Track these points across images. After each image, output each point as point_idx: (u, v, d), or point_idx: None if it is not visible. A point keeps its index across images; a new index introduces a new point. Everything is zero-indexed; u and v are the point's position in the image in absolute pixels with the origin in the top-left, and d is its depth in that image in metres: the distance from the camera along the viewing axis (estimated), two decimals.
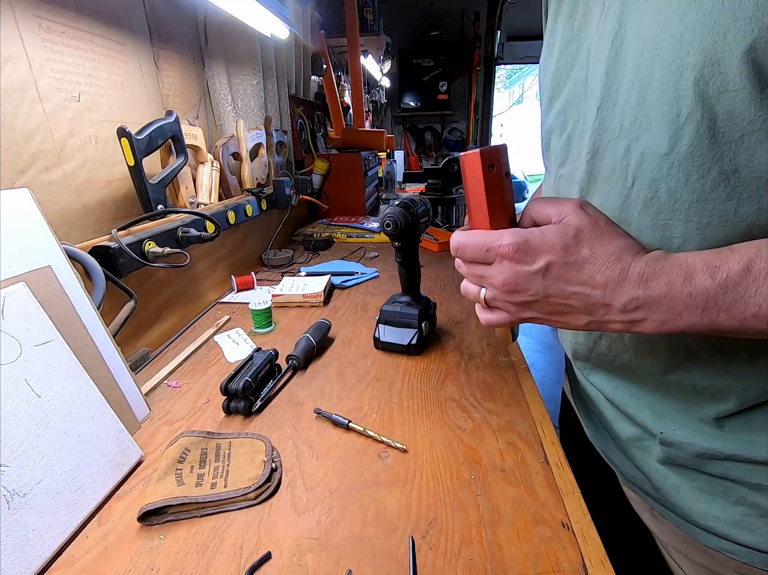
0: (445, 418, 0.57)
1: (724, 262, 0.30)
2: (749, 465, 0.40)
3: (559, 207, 0.35)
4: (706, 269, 0.30)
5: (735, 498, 0.42)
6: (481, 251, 0.36)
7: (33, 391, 0.42)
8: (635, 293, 0.32)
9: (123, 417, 0.52)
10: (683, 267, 0.31)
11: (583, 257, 0.33)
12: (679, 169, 0.35)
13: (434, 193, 3.10)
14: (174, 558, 0.40)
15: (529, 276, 0.35)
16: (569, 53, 0.47)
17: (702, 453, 0.42)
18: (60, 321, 0.48)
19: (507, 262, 0.35)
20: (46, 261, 0.50)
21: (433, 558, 0.39)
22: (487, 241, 0.36)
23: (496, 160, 0.37)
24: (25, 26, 0.62)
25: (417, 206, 0.70)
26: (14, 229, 0.47)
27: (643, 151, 0.38)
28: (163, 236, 0.76)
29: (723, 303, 0.30)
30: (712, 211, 0.34)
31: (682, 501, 0.46)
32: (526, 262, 0.34)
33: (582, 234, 0.34)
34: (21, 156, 0.62)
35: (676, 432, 0.44)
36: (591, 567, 0.38)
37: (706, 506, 0.44)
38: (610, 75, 0.40)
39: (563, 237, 0.33)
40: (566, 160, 0.49)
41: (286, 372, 0.68)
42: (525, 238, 0.34)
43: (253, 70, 1.24)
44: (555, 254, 0.33)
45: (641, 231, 0.39)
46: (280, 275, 1.15)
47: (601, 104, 0.42)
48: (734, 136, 0.32)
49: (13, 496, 0.38)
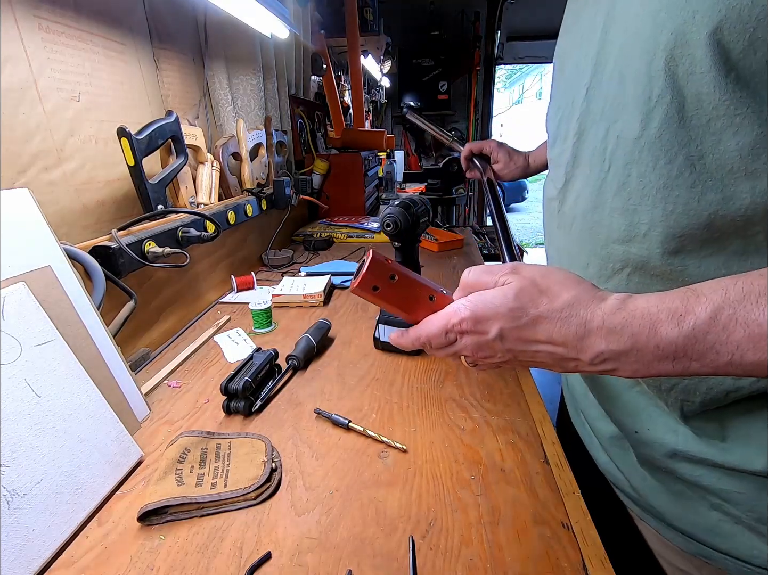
0: (445, 418, 0.57)
1: (689, 310, 0.28)
2: (720, 471, 0.39)
3: (493, 275, 0.34)
4: (671, 318, 0.28)
5: (710, 504, 0.41)
6: (442, 337, 0.36)
7: (33, 391, 0.42)
8: (599, 348, 0.30)
9: (123, 418, 0.52)
10: (646, 317, 0.29)
11: (531, 318, 0.32)
12: (648, 153, 0.36)
13: (434, 193, 3.10)
14: (174, 558, 0.40)
15: (490, 343, 0.34)
16: (573, 32, 0.46)
17: (674, 452, 0.42)
18: (60, 321, 0.48)
19: (467, 336, 0.35)
20: (46, 261, 0.50)
21: (433, 558, 0.39)
22: (443, 325, 0.35)
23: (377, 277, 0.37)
24: (25, 26, 0.62)
25: (417, 206, 0.70)
26: (14, 229, 0.47)
27: (619, 134, 0.38)
28: (163, 236, 0.76)
29: (693, 353, 0.28)
30: (677, 198, 0.35)
31: (659, 504, 0.46)
32: (482, 332, 0.34)
33: (522, 294, 0.32)
34: (21, 156, 0.62)
35: (650, 431, 0.44)
36: (591, 567, 0.38)
37: (682, 510, 0.44)
38: (600, 55, 0.40)
39: (504, 301, 0.32)
40: (555, 142, 0.49)
41: (286, 372, 0.68)
42: (473, 313, 0.33)
43: (253, 70, 1.24)
44: (503, 319, 0.32)
45: (613, 217, 0.40)
46: (280, 275, 1.15)
47: (590, 85, 0.42)
48: (701, 121, 0.32)
49: (13, 496, 0.38)
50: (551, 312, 0.31)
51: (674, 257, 0.37)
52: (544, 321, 0.31)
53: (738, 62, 0.29)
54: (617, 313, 0.30)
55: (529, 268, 0.34)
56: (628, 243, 0.39)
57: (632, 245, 0.39)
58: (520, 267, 0.35)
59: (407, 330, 0.39)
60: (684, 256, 0.36)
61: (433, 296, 0.38)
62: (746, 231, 0.33)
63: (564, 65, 0.49)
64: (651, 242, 0.37)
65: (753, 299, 0.26)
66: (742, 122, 0.30)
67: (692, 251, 0.36)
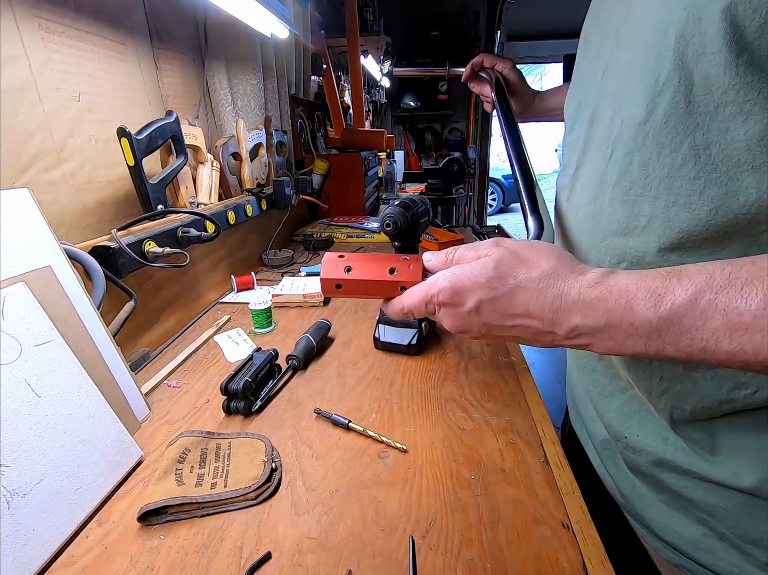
0: (445, 418, 0.57)
1: (669, 290, 0.27)
2: (707, 484, 0.38)
3: (477, 250, 0.35)
4: (648, 297, 0.27)
5: (696, 518, 0.40)
6: (422, 307, 0.36)
7: (33, 391, 0.42)
8: (574, 322, 0.30)
9: (123, 417, 0.52)
10: (623, 294, 0.28)
11: (509, 288, 0.32)
12: (653, 140, 0.34)
13: (434, 193, 3.11)
14: (174, 558, 0.40)
15: (465, 316, 0.34)
16: (599, 13, 0.44)
17: (661, 461, 0.40)
18: (60, 321, 0.48)
19: (444, 309, 0.35)
20: (46, 261, 0.50)
21: (433, 558, 0.39)
22: (423, 296, 0.36)
23: (333, 276, 0.40)
24: (25, 26, 0.62)
25: (417, 206, 0.70)
26: (14, 229, 0.47)
27: (623, 120, 0.37)
28: (163, 236, 0.76)
29: (667, 336, 0.27)
30: (680, 189, 0.33)
31: (646, 512, 0.45)
32: (459, 304, 0.34)
33: (502, 264, 0.32)
34: (21, 156, 0.62)
35: (639, 437, 0.42)
36: (591, 567, 0.38)
37: (668, 520, 0.42)
38: (619, 35, 0.38)
39: (484, 271, 0.32)
40: (574, 126, 0.47)
41: (286, 372, 0.68)
42: (451, 284, 0.33)
43: (253, 70, 1.24)
44: (481, 291, 0.32)
45: (613, 207, 0.38)
46: (280, 275, 1.15)
47: (607, 67, 0.40)
48: (709, 107, 0.30)
49: (13, 496, 0.38)
50: (529, 281, 0.31)
51: (671, 254, 0.35)
52: (521, 291, 0.31)
53: (752, 42, 0.27)
54: (594, 287, 0.29)
55: (512, 241, 0.34)
56: (626, 236, 0.38)
57: (630, 238, 0.37)
58: (502, 240, 0.35)
59: (391, 300, 0.39)
60: (682, 253, 0.34)
61: (393, 269, 0.39)
62: (750, 230, 0.31)
63: (589, 45, 0.46)
64: (649, 236, 0.36)
65: (738, 286, 0.25)
66: (752, 109, 0.28)
67: (690, 248, 0.34)
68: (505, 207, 7.09)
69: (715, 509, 0.38)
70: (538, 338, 0.33)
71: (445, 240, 1.39)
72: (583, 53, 0.48)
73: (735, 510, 0.37)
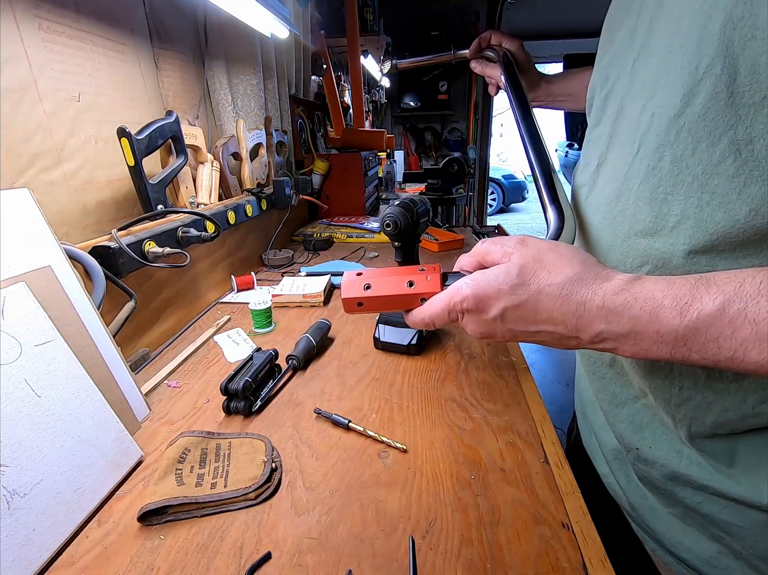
0: (445, 418, 0.57)
1: (696, 299, 0.26)
2: (724, 501, 0.37)
3: (503, 247, 0.34)
4: (675, 305, 0.27)
5: (711, 535, 0.39)
6: (445, 316, 0.36)
7: (33, 391, 0.42)
8: (599, 328, 0.30)
9: (123, 417, 0.52)
10: (649, 302, 0.28)
11: (532, 295, 0.31)
12: (688, 134, 0.32)
13: (434, 193, 3.11)
14: (174, 558, 0.40)
15: (490, 323, 0.34)
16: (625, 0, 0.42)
17: (675, 475, 0.39)
18: (60, 322, 0.48)
19: (468, 316, 0.35)
20: (46, 261, 0.50)
21: (433, 558, 0.39)
22: (446, 305, 0.36)
23: (353, 296, 0.39)
24: (25, 26, 0.62)
25: (417, 206, 0.70)
26: (14, 229, 0.47)
27: (654, 111, 0.34)
28: (163, 236, 0.76)
29: (694, 344, 0.27)
30: (716, 188, 0.31)
31: (657, 526, 0.44)
32: (483, 311, 0.34)
33: (526, 270, 0.32)
34: (21, 156, 0.62)
35: (651, 449, 0.41)
36: (591, 567, 0.38)
37: (681, 535, 0.41)
38: (654, 21, 0.36)
39: (508, 278, 0.32)
40: (600, 121, 0.45)
41: (286, 372, 0.68)
42: (476, 290, 0.33)
43: (253, 70, 1.24)
44: (505, 299, 0.32)
45: (638, 206, 0.36)
46: (280, 275, 1.15)
47: (638, 56, 0.38)
48: (754, 98, 0.28)
49: (13, 496, 0.38)
50: (552, 287, 0.31)
51: (702, 256, 0.33)
52: (545, 297, 0.31)
53: None
54: (620, 294, 0.29)
55: (537, 242, 0.34)
56: (652, 236, 0.36)
57: (657, 239, 0.35)
58: (528, 239, 0.34)
59: (412, 311, 0.39)
60: (714, 255, 0.32)
61: (412, 281, 0.39)
62: None
63: (614, 32, 0.43)
64: (678, 237, 0.34)
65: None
66: None
67: (724, 251, 0.32)
68: (505, 207, 7.09)
69: (731, 526, 0.37)
70: (563, 342, 0.33)
71: (445, 240, 1.39)
72: (608, 41, 0.45)
73: (753, 528, 0.35)
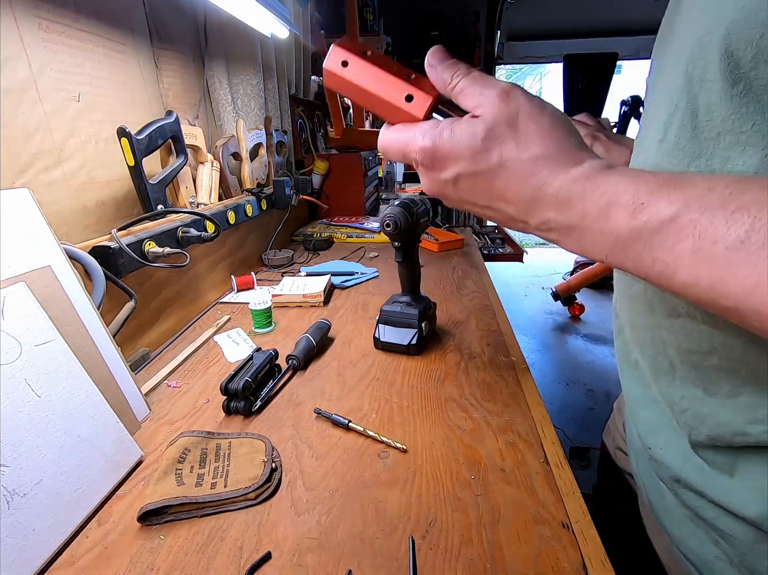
0: (445, 418, 0.57)
1: (654, 200, 0.24)
2: (718, 509, 0.37)
3: (482, 96, 0.30)
4: (630, 204, 0.25)
5: (712, 539, 0.39)
6: (400, 155, 0.34)
7: (33, 391, 0.42)
8: (547, 215, 0.29)
9: (123, 417, 0.52)
10: (606, 195, 0.26)
11: (491, 167, 0.29)
12: (668, 160, 0.33)
13: None
14: (174, 558, 0.40)
15: (442, 183, 0.32)
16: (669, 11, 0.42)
17: (678, 479, 0.40)
18: (60, 322, 0.48)
19: (421, 168, 0.33)
20: (46, 261, 0.50)
21: (433, 558, 0.39)
22: (402, 145, 0.33)
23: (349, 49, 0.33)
24: (25, 26, 0.62)
25: (417, 206, 0.70)
26: (14, 229, 0.47)
27: (645, 136, 0.36)
28: (163, 236, 0.76)
29: (630, 251, 0.25)
30: None
31: (670, 524, 0.44)
32: (437, 170, 0.32)
33: (493, 135, 0.29)
34: (21, 156, 0.62)
35: (662, 452, 0.42)
36: (591, 567, 0.38)
37: (687, 536, 0.41)
38: (663, 45, 0.37)
39: (471, 141, 0.29)
40: None
41: (286, 372, 0.68)
42: (433, 146, 0.31)
43: (253, 70, 1.24)
44: (462, 164, 0.30)
45: None
46: (280, 275, 1.15)
47: (654, 75, 0.39)
48: (711, 134, 0.29)
49: (13, 496, 0.38)
50: (513, 163, 0.29)
51: None
52: (503, 172, 0.29)
53: (749, 72, 0.26)
54: (579, 182, 0.27)
55: (523, 99, 0.30)
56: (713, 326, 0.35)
57: None
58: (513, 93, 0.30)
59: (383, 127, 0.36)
60: None
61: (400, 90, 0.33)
62: None
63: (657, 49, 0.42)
64: None
65: (730, 209, 0.22)
66: (747, 140, 0.27)
67: None
68: None
69: (725, 535, 0.37)
70: (510, 224, 0.32)
71: (445, 240, 1.39)
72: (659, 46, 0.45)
73: (742, 540, 0.35)
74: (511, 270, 4.11)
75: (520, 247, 2.56)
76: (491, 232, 2.81)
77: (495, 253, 2.51)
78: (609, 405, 0.66)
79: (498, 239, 2.66)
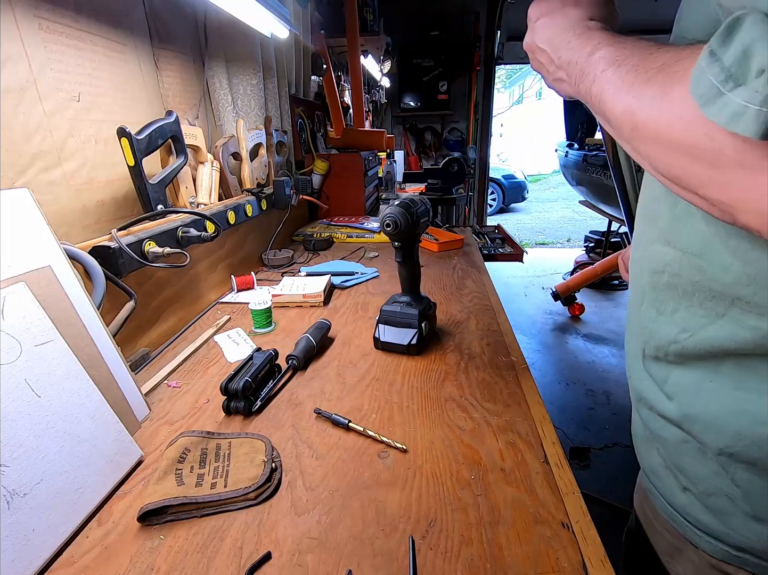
0: (445, 418, 0.57)
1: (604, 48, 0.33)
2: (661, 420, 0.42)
3: None
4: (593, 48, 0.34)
5: (656, 449, 0.45)
6: None
7: (33, 391, 0.42)
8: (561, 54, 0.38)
9: (123, 417, 0.52)
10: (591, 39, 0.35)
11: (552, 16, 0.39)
12: None
13: (434, 193, 3.10)
14: (174, 558, 0.40)
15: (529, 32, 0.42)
16: None
17: (640, 398, 0.46)
18: (60, 322, 0.48)
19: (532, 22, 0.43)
20: (46, 261, 0.50)
21: (433, 558, 0.39)
22: None
23: None
24: (25, 26, 0.62)
25: (417, 206, 0.70)
26: (14, 229, 0.47)
27: None
28: (163, 236, 0.76)
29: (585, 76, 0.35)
30: None
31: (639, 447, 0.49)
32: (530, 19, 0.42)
33: None
34: (21, 156, 0.62)
35: (632, 378, 0.48)
36: (591, 567, 0.38)
37: (644, 452, 0.48)
38: None
39: None
40: None
41: (286, 372, 0.68)
42: None
43: (253, 70, 1.24)
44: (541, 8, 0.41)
45: None
46: (280, 275, 1.15)
47: None
48: None
49: (13, 496, 0.38)
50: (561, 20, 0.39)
51: None
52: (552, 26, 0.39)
53: None
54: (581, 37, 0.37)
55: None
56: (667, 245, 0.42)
57: None
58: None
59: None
60: None
61: None
62: None
63: None
64: None
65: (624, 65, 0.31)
66: None
67: None
68: (505, 207, 7.09)
69: (663, 441, 0.43)
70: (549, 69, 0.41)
71: (445, 240, 1.39)
72: None
73: (672, 441, 0.42)
74: (511, 270, 4.11)
75: (520, 246, 2.56)
76: (491, 231, 2.81)
77: (495, 252, 2.51)
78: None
79: (498, 239, 2.66)
